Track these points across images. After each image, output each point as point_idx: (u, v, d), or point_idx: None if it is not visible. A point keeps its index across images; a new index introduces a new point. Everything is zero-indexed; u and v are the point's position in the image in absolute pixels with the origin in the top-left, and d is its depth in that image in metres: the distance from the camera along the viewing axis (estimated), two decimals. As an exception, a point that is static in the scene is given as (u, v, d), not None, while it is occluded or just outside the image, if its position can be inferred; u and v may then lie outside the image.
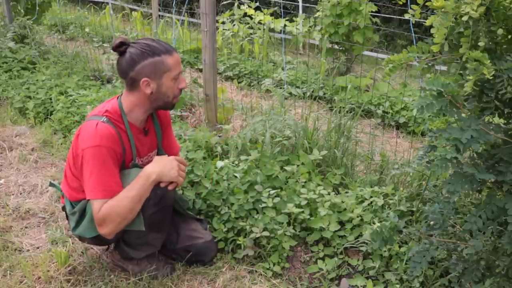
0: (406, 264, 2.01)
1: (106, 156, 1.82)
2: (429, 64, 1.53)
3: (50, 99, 3.82)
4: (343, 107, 3.05)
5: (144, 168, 1.89)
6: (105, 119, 1.87)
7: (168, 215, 2.04)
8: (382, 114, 4.34)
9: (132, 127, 1.96)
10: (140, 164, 1.99)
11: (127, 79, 1.89)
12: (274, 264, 2.15)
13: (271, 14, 6.37)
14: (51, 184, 2.21)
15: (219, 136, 3.06)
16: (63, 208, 2.07)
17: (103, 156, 1.81)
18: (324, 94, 4.82)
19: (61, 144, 3.37)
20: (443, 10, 1.38)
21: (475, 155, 1.56)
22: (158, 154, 2.17)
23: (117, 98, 1.97)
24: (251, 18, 6.32)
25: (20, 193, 2.77)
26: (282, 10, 6.63)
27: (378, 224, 2.12)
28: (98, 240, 1.96)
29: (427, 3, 1.42)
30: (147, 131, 2.04)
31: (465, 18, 1.33)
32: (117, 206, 1.80)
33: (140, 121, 1.99)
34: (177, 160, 1.94)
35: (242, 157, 2.60)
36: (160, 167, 1.88)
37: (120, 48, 1.87)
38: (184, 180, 2.07)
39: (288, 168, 2.55)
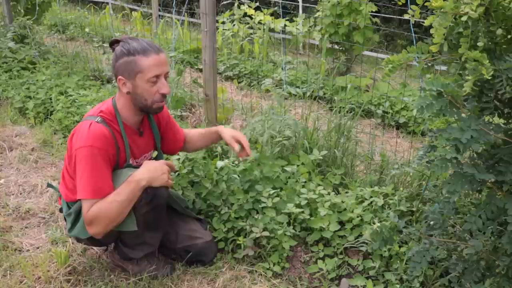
0: (406, 264, 2.01)
1: (98, 156, 1.81)
2: (429, 64, 1.53)
3: (50, 99, 3.82)
4: (343, 107, 3.05)
5: (134, 173, 1.87)
6: (99, 119, 1.87)
7: (162, 213, 2.03)
8: (382, 114, 4.34)
9: (127, 127, 1.95)
10: (134, 165, 1.99)
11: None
12: (274, 264, 2.15)
13: (271, 14, 6.38)
14: (49, 185, 2.21)
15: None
16: (61, 210, 2.08)
17: (95, 157, 1.81)
18: (324, 94, 4.82)
19: (61, 144, 3.37)
20: (442, 10, 1.38)
21: (475, 155, 1.56)
22: (157, 154, 2.17)
23: (113, 98, 1.98)
24: (251, 18, 6.32)
25: (20, 193, 2.77)
26: (282, 10, 6.64)
27: (378, 224, 2.11)
28: (95, 240, 1.96)
29: (426, 3, 1.42)
30: (142, 132, 2.04)
31: (464, 18, 1.33)
32: (106, 209, 1.80)
33: (134, 121, 1.98)
34: (167, 164, 1.95)
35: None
36: (151, 172, 1.87)
37: (113, 46, 1.93)
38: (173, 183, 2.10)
39: (288, 168, 2.54)
